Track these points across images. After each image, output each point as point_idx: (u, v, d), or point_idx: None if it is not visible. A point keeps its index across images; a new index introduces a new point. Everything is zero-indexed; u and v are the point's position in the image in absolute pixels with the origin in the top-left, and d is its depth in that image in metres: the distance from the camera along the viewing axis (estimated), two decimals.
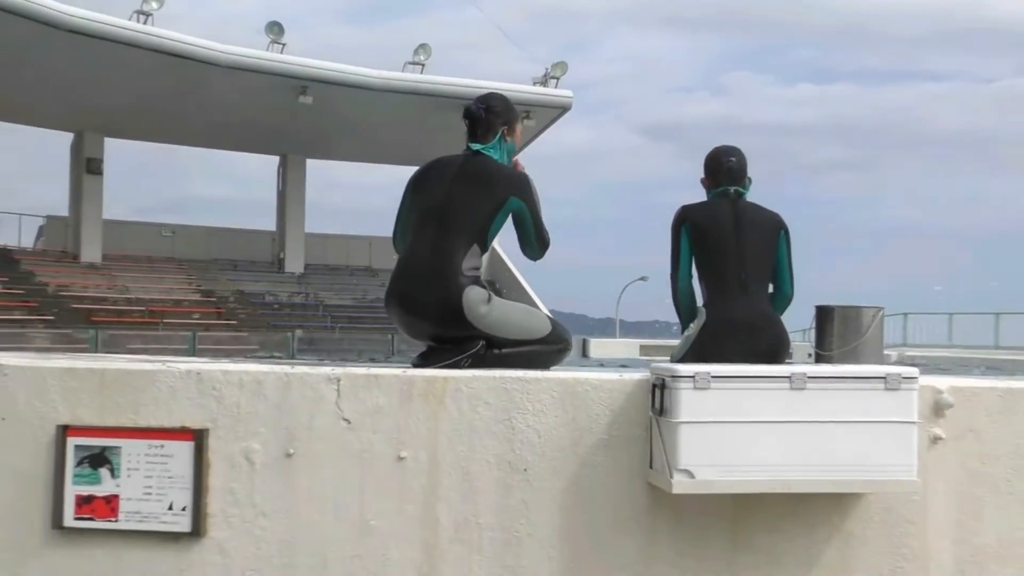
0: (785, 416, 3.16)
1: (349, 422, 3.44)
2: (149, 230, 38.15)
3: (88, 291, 32.72)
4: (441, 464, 3.45)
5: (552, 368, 3.89)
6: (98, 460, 3.46)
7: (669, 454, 3.19)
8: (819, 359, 4.07)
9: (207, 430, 3.44)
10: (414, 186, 4.09)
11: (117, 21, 29.30)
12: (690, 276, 4.37)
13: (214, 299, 35.23)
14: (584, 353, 34.62)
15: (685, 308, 4.36)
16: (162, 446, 3.45)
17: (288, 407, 3.45)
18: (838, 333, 4.01)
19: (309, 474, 3.44)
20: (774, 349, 4.17)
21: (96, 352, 26.35)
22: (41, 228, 37.55)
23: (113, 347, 27.79)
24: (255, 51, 32.31)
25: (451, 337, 3.81)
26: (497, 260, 41.69)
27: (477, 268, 3.88)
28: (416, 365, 3.77)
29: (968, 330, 32.57)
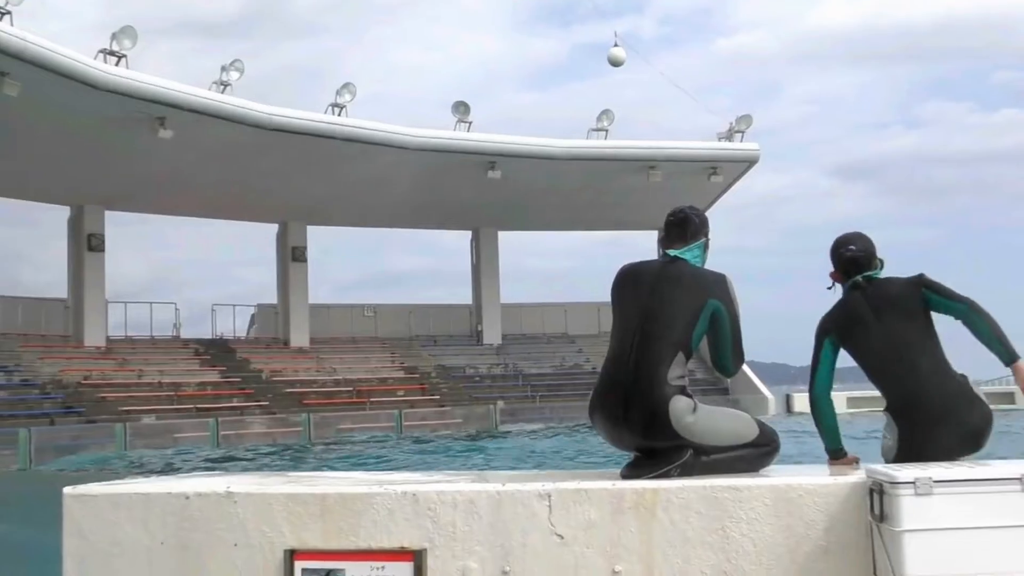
0: (1019, 520, 3.00)
1: (562, 537, 3.46)
2: (352, 311, 39.53)
3: (299, 375, 34.11)
4: None
5: (762, 470, 3.81)
6: None
7: (894, 563, 3.07)
8: None
9: (425, 550, 3.52)
10: (615, 295, 4.10)
11: (314, 116, 30.84)
12: (828, 386, 4.24)
13: (417, 375, 36.13)
14: (788, 408, 33.64)
15: (819, 418, 4.25)
16: (383, 567, 3.55)
17: (501, 525, 3.50)
18: None
19: None
20: (978, 428, 3.95)
21: (310, 435, 27.39)
22: (253, 316, 39.44)
23: (324, 428, 28.85)
24: (443, 132, 33.34)
25: (658, 447, 3.79)
26: None
27: (682, 376, 3.85)
28: (624, 476, 3.76)
29: None
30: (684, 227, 4.07)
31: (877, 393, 4.29)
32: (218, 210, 35.85)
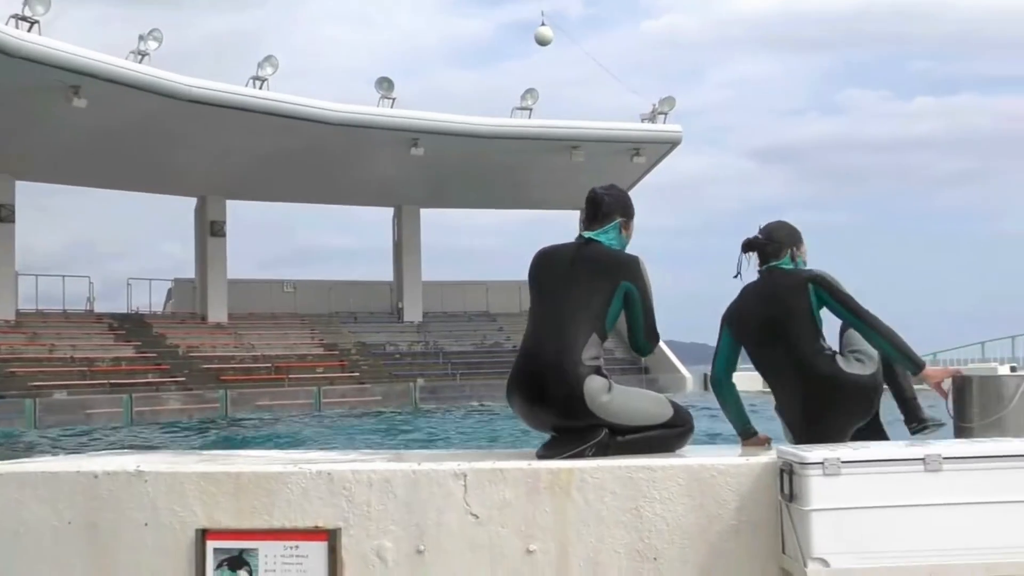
0: (922, 499, 3.07)
1: (477, 517, 3.46)
2: (271, 287, 39.14)
3: (216, 351, 33.69)
4: (570, 555, 3.44)
5: (677, 451, 3.85)
6: (237, 563, 3.55)
7: (802, 542, 3.13)
8: (959, 432, 3.93)
9: (340, 530, 3.50)
10: (531, 277, 4.10)
11: (234, 89, 30.35)
12: (725, 371, 4.38)
13: (336, 352, 35.91)
14: (706, 389, 34.20)
15: (721, 402, 4.40)
16: (297, 547, 3.52)
17: (417, 504, 3.49)
18: (979, 404, 3.84)
19: (440, 570, 3.46)
20: (851, 409, 4.12)
21: (227, 411, 27.09)
22: (170, 291, 38.83)
23: (242, 404, 28.57)
24: (366, 107, 33.07)
25: (573, 427, 3.80)
26: None
27: (597, 357, 3.86)
28: (540, 456, 3.78)
29: None
30: (597, 208, 4.08)
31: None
32: (135, 182, 35.16)
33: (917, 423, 4.33)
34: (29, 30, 25.94)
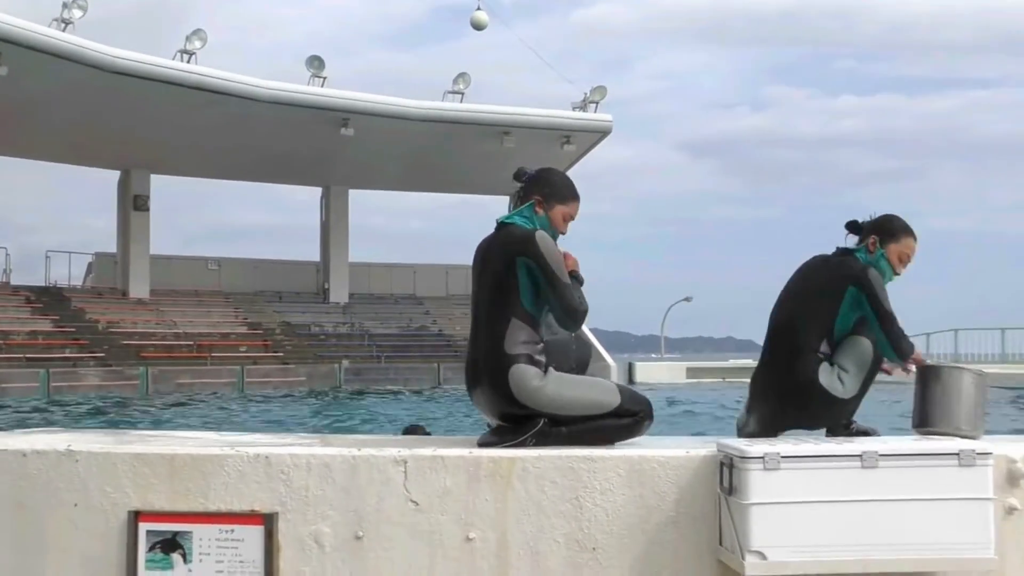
0: (858, 495, 3.13)
1: (417, 504, 3.45)
2: (195, 264, 38.53)
3: (137, 327, 33.08)
4: (510, 544, 3.45)
5: (624, 442, 3.80)
6: (170, 545, 3.50)
7: (740, 535, 3.16)
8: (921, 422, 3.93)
9: (277, 514, 3.46)
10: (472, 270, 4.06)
11: (161, 61, 29.77)
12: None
13: (261, 331, 35.49)
14: (630, 379, 34.46)
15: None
16: (232, 531, 3.48)
17: (356, 490, 3.47)
18: (938, 401, 3.86)
19: (379, 556, 3.45)
20: (816, 416, 4.13)
21: (147, 389, 26.65)
22: (90, 265, 38.03)
23: (163, 383, 28.13)
24: (296, 86, 32.67)
25: (512, 415, 3.79)
26: None
27: (527, 343, 3.77)
28: (482, 444, 3.77)
29: (1021, 344, 32.16)
30: (521, 189, 4.04)
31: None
32: (57, 154, 34.35)
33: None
34: None
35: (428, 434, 5.97)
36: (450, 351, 36.98)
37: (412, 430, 7.13)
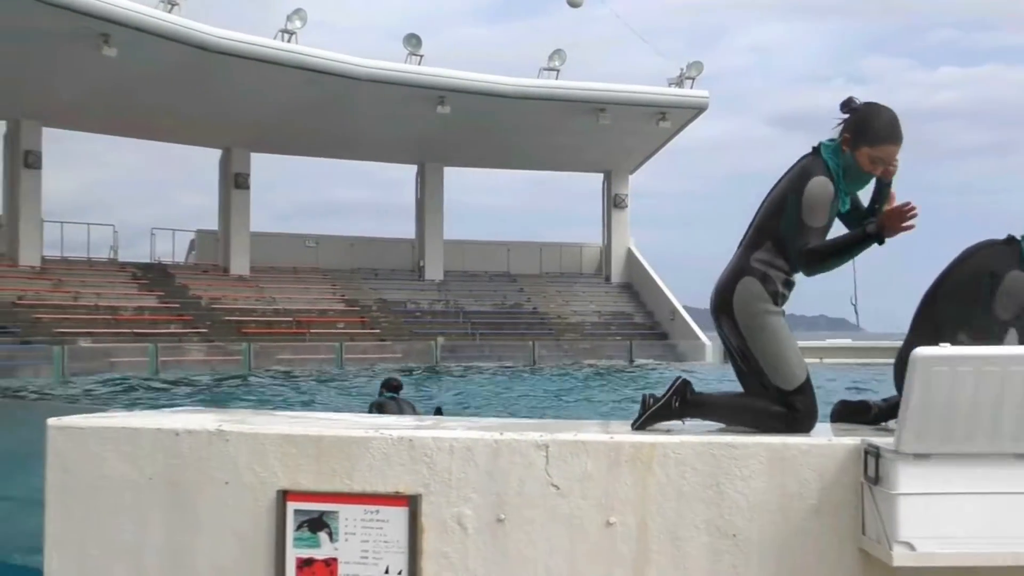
0: (1010, 487, 3.09)
1: (558, 488, 3.49)
2: (294, 241, 39.21)
3: (238, 303, 33.82)
4: (650, 529, 3.47)
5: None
6: (317, 524, 3.59)
7: (887, 525, 3.15)
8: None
9: (420, 496, 3.53)
10: None
11: (263, 41, 30.27)
12: None
13: (357, 308, 36.01)
14: (725, 358, 34.08)
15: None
16: (377, 511, 3.56)
17: (498, 473, 3.52)
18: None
19: (520, 539, 3.50)
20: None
21: (249, 365, 27.23)
22: (192, 242, 38.94)
23: (264, 358, 28.72)
24: (394, 64, 32.97)
25: (724, 329, 3.79)
26: (633, 260, 41.59)
27: (772, 266, 3.71)
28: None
29: None
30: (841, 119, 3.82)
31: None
32: (161, 132, 35.22)
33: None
34: None
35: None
36: (544, 329, 37.16)
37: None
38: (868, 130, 3.71)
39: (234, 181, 36.25)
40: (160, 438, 3.77)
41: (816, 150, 3.80)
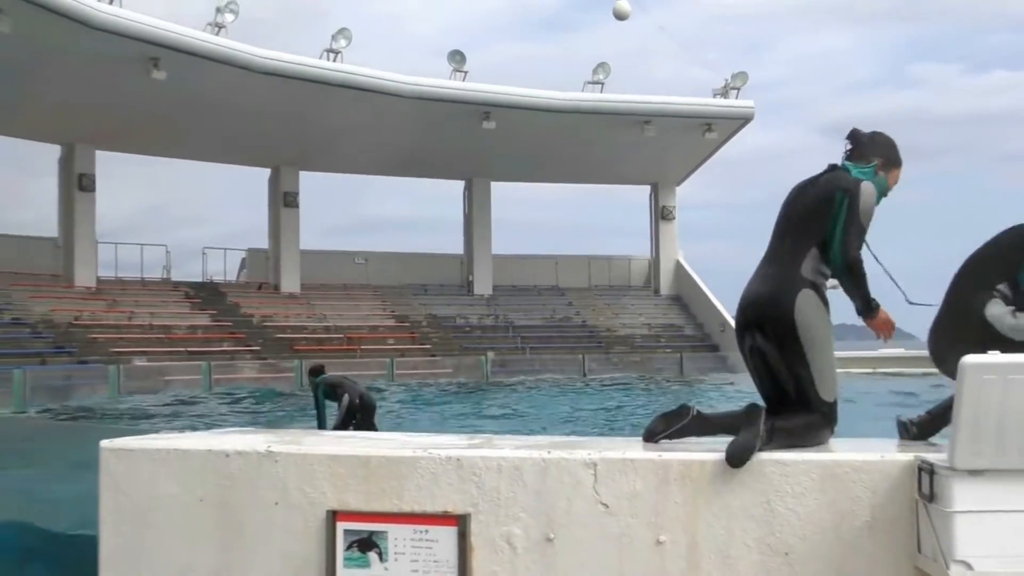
0: None
1: (607, 506, 3.47)
2: (343, 258, 39.42)
3: (289, 320, 34.08)
4: (701, 547, 3.44)
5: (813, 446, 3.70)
6: (367, 544, 3.60)
7: (944, 544, 3.09)
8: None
9: (469, 515, 3.53)
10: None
11: (308, 61, 30.55)
12: None
13: (408, 324, 36.15)
14: None
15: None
16: (427, 531, 3.56)
17: (547, 492, 3.50)
18: None
19: (570, 558, 3.48)
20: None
21: (301, 382, 27.38)
22: (243, 260, 39.28)
23: None
24: (439, 80, 33.11)
25: (781, 342, 3.74)
26: (682, 272, 41.38)
27: (819, 273, 3.81)
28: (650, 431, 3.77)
29: None
30: (861, 147, 4.06)
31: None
32: (210, 153, 35.63)
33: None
34: (111, 2, 26.30)
35: None
36: (593, 342, 37.05)
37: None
38: (896, 155, 4.07)
39: (283, 200, 36.55)
40: (210, 459, 3.81)
41: (837, 167, 4.01)
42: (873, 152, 4.03)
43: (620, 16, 23.15)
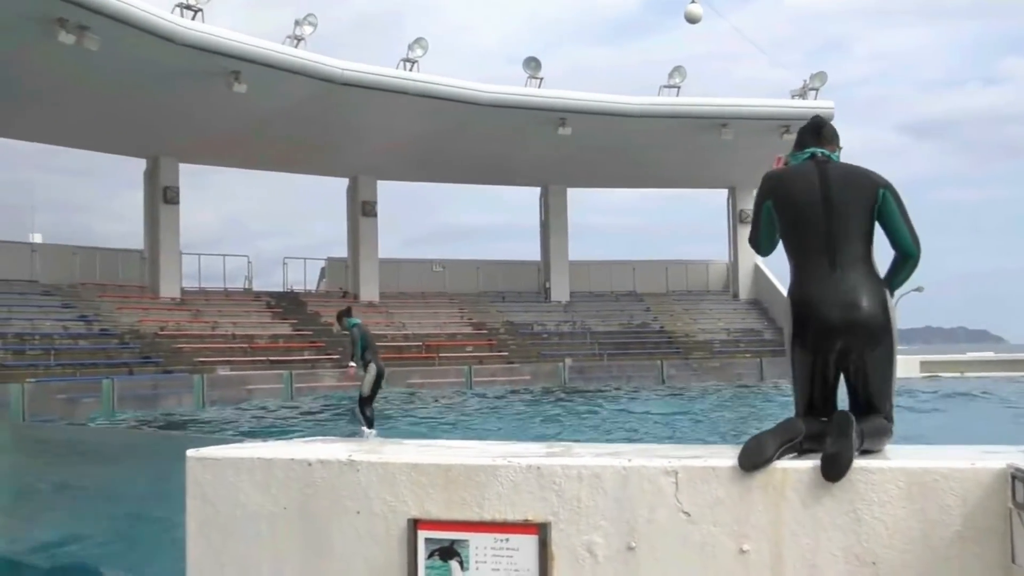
0: None
1: (689, 515, 3.44)
2: (421, 267, 39.73)
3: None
4: (785, 557, 3.38)
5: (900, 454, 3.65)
6: (448, 553, 3.61)
7: None
8: None
9: (550, 524, 3.52)
10: (781, 202, 3.91)
11: (386, 71, 30.82)
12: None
13: (485, 331, 36.27)
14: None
15: None
16: (507, 540, 3.55)
17: (627, 500, 3.48)
18: None
19: (652, 567, 3.45)
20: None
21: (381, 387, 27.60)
22: (323, 270, 39.78)
23: (395, 382, 29.04)
24: (515, 88, 33.19)
25: (876, 342, 3.69)
26: (761, 275, 40.93)
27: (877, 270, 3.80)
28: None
29: None
30: (830, 133, 4.04)
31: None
32: (290, 163, 36.15)
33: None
34: (193, 18, 26.83)
35: None
36: (672, 348, 36.80)
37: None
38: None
39: (362, 209, 36.97)
40: (293, 468, 3.84)
41: (824, 157, 3.91)
42: (836, 140, 4.00)
43: (692, 19, 22.97)
